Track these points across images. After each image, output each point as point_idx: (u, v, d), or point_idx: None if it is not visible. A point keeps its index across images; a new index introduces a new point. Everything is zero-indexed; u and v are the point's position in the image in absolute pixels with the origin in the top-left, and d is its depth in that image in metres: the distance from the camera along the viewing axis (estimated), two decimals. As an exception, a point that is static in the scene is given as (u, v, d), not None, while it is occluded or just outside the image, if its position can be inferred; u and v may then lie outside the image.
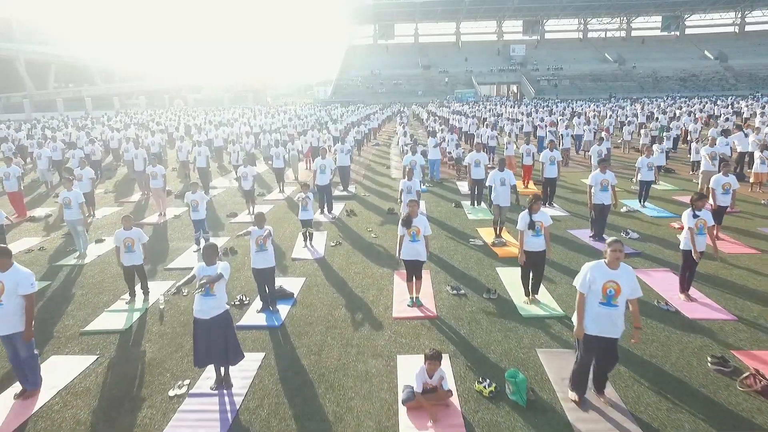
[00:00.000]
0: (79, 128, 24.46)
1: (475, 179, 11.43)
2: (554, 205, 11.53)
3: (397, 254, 6.48)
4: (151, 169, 11.64)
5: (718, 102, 36.74)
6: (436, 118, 25.53)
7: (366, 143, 23.85)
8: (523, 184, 13.73)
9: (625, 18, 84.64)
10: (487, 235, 9.56)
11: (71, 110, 54.22)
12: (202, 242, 9.17)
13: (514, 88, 76.36)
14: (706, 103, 36.56)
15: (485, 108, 37.68)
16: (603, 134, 17.01)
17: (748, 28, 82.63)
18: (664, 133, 16.50)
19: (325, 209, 11.62)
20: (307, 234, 9.12)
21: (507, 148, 15.52)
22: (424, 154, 14.58)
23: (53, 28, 75.80)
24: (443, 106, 41.68)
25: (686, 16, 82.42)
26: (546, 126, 19.39)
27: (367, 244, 9.30)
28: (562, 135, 16.76)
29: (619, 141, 21.04)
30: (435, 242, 9.02)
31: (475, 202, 11.69)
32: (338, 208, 12.00)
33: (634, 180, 11.12)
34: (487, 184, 9.18)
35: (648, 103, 38.13)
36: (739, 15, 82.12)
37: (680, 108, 29.68)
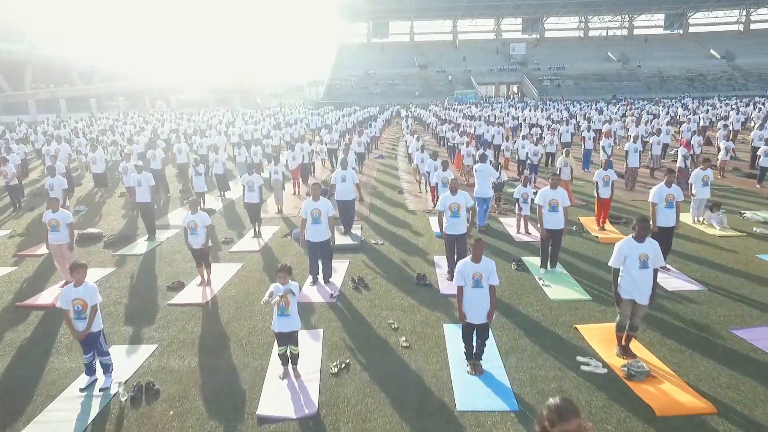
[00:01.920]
0: (16, 140, 20.02)
1: (551, 230, 7.45)
2: (669, 268, 7.58)
3: None
4: (48, 216, 7.49)
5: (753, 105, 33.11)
6: (455, 125, 21.44)
7: (367, 155, 19.78)
8: (598, 224, 9.80)
9: (626, 16, 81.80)
10: (599, 340, 5.57)
11: (45, 113, 49.43)
12: (99, 372, 5.10)
13: (514, 88, 72.92)
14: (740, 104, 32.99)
15: (500, 110, 33.70)
16: (681, 150, 13.14)
17: (753, 26, 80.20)
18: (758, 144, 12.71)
19: (320, 276, 7.58)
20: (288, 355, 5.07)
21: (562, 171, 11.57)
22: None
23: (29, 26, 70.67)
24: (450, 108, 37.60)
25: (690, 14, 79.73)
26: (593, 136, 15.49)
27: (395, 364, 5.27)
28: (627, 151, 12.83)
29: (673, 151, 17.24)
30: (518, 372, 5.08)
31: (548, 263, 7.70)
32: (340, 270, 7.95)
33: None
34: (612, 263, 5.13)
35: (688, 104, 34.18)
36: (744, 13, 79.58)
37: (734, 109, 25.82)
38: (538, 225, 7.66)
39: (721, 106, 30.69)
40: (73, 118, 41.02)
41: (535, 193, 10.80)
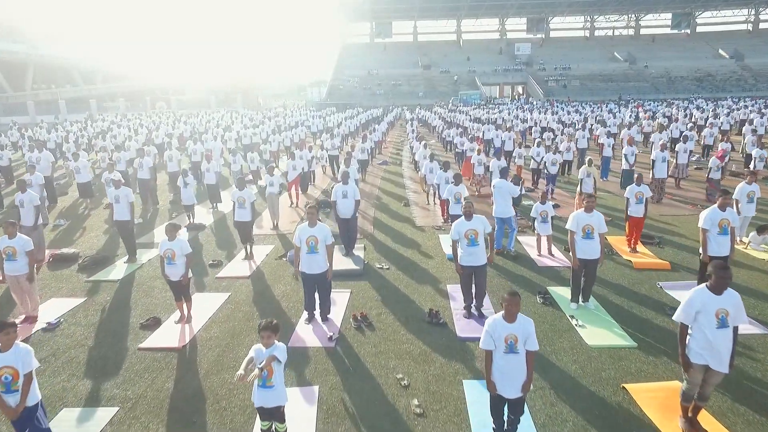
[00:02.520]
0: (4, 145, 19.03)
1: (585, 260, 6.41)
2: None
3: None
4: (3, 243, 6.51)
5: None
6: (463, 129, 20.35)
7: (371, 161, 18.76)
8: (629, 245, 8.76)
9: (633, 15, 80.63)
10: (656, 406, 4.55)
11: (45, 114, 48.67)
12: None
13: (519, 88, 71.81)
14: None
15: (508, 113, 32.56)
16: (714, 161, 12.07)
17: (762, 26, 78.88)
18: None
19: (317, 313, 6.57)
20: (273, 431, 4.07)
21: (584, 182, 10.53)
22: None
23: (30, 27, 70.01)
24: (455, 110, 36.50)
25: (697, 13, 78.50)
26: (612, 143, 14.39)
27: (407, 442, 4.28)
28: (653, 160, 11.78)
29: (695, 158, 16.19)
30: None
31: (580, 296, 6.67)
32: (340, 302, 6.94)
33: None
34: (678, 318, 4.06)
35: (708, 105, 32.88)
36: (753, 12, 78.28)
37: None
38: (569, 252, 6.65)
39: (738, 108, 29.50)
40: (71, 119, 40.19)
41: (554, 207, 9.80)
